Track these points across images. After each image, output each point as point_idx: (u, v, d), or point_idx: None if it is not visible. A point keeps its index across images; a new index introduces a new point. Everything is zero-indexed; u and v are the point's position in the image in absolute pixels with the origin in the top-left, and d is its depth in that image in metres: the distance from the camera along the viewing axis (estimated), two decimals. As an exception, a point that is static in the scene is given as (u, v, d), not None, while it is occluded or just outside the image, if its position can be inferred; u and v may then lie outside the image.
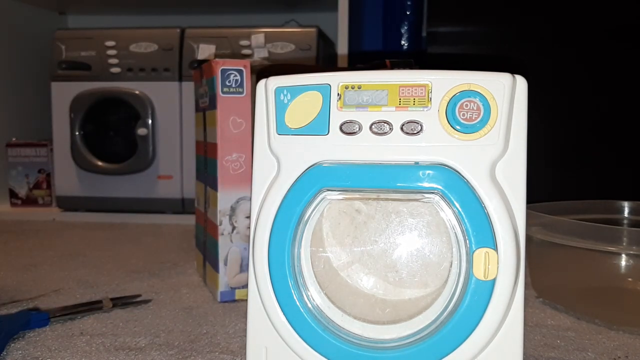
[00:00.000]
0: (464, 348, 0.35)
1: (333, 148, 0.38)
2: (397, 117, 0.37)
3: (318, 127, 0.38)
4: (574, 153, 1.04)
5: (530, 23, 1.03)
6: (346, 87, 0.38)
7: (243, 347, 0.50)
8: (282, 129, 0.39)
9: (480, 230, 0.35)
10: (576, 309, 0.59)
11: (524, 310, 0.36)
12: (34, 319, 0.53)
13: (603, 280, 0.60)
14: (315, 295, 0.39)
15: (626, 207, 0.68)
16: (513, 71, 0.36)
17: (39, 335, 0.52)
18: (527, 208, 0.62)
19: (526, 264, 0.65)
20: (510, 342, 0.36)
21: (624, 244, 0.54)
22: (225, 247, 0.62)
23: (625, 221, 0.67)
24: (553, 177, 1.04)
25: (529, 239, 0.63)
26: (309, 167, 0.38)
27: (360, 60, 0.95)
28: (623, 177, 1.02)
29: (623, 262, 0.57)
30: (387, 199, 0.39)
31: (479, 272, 0.35)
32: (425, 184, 0.36)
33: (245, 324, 0.55)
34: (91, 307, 0.58)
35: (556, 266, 0.63)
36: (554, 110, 1.02)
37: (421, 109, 0.36)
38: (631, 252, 0.55)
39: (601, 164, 1.03)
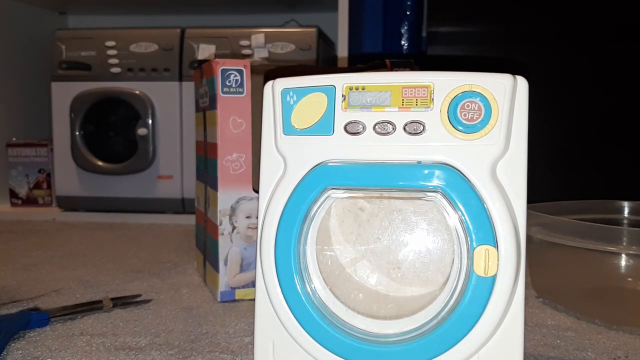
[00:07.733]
0: (465, 343, 0.35)
1: (338, 148, 0.38)
2: (400, 118, 0.37)
3: (323, 127, 0.38)
4: (575, 153, 1.04)
5: (531, 23, 1.04)
6: (350, 88, 0.38)
7: (243, 346, 0.50)
8: (289, 130, 0.39)
9: (480, 227, 0.35)
10: (576, 309, 0.60)
11: (524, 309, 0.37)
12: (34, 319, 0.53)
13: (603, 280, 0.60)
14: (320, 291, 0.39)
15: (626, 207, 0.68)
16: (514, 72, 0.37)
17: (39, 335, 0.52)
18: (528, 208, 0.62)
19: (526, 263, 0.66)
20: (511, 338, 0.36)
21: (624, 244, 0.54)
22: (226, 247, 0.62)
23: (625, 221, 0.68)
24: (554, 177, 1.04)
25: (529, 239, 0.63)
26: (314, 167, 0.38)
27: (360, 60, 0.95)
28: (624, 177, 1.02)
29: (623, 262, 0.57)
30: (390, 198, 0.39)
31: (479, 269, 0.35)
32: (427, 183, 0.36)
33: (246, 324, 0.55)
34: (91, 307, 0.58)
35: (556, 266, 0.63)
36: (555, 110, 1.03)
37: (423, 109, 0.37)
38: (631, 252, 0.55)
39: (601, 164, 1.03)
